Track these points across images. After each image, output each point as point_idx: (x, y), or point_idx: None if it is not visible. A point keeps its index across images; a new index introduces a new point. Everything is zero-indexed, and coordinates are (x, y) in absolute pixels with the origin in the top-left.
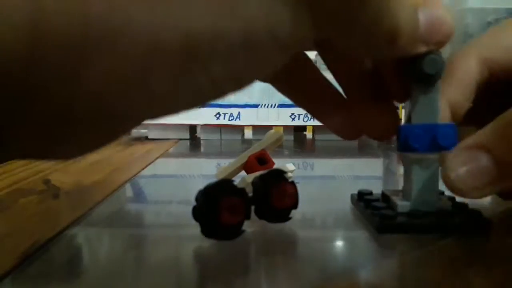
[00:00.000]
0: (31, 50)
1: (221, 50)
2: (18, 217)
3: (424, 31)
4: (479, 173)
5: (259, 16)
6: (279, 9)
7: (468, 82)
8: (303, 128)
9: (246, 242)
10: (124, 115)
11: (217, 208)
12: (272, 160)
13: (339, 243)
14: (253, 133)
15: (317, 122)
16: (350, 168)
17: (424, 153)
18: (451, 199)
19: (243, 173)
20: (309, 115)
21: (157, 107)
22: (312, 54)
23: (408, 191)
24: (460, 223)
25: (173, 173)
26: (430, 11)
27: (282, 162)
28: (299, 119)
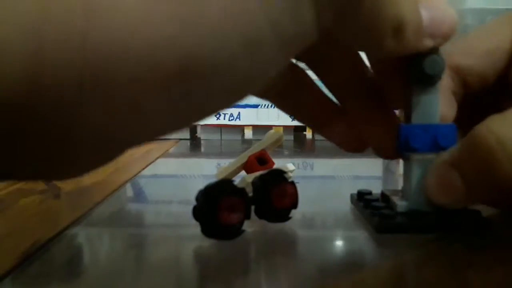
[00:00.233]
0: (30, 85)
1: (222, 62)
2: (18, 217)
3: (428, 24)
4: (448, 190)
5: (259, 12)
6: (279, 3)
7: (444, 92)
8: (303, 128)
9: (246, 242)
10: (123, 140)
11: (217, 208)
12: (272, 160)
13: (339, 243)
14: (253, 133)
15: None
16: (349, 168)
17: (424, 153)
18: None
19: (243, 173)
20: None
21: (157, 130)
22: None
23: (407, 191)
24: (459, 223)
25: (173, 173)
26: (432, 4)
27: (282, 162)
28: None
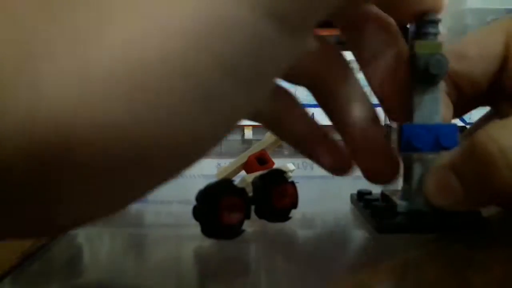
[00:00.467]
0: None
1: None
2: None
3: None
4: (447, 192)
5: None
6: None
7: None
8: None
9: (246, 241)
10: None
11: (217, 207)
12: (272, 160)
13: (339, 243)
14: (253, 133)
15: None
16: None
17: (426, 153)
18: None
19: (243, 173)
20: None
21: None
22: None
23: (408, 191)
24: (460, 223)
25: None
26: None
27: (282, 162)
28: None
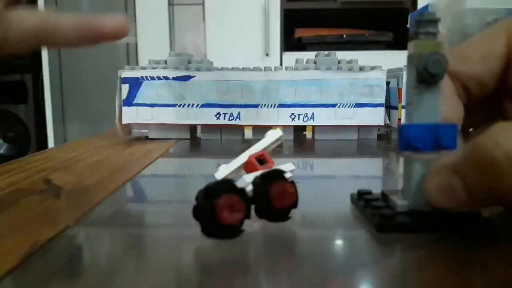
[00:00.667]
0: None
1: None
2: (18, 217)
3: None
4: (450, 195)
5: None
6: None
7: (449, 94)
8: (303, 128)
9: (246, 242)
10: None
11: (217, 207)
12: (272, 160)
13: (339, 243)
14: (253, 133)
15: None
16: (349, 167)
17: (426, 152)
18: None
19: (243, 173)
20: (309, 114)
21: None
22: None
23: (407, 191)
24: (459, 223)
25: (173, 173)
26: None
27: (282, 162)
28: (299, 119)
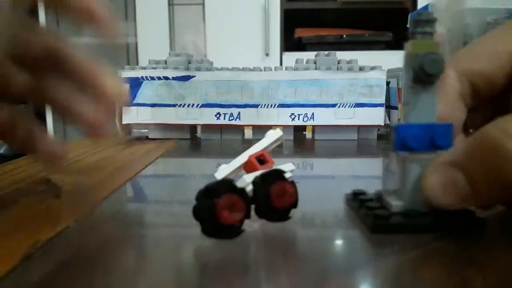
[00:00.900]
0: None
1: None
2: (18, 217)
3: None
4: (453, 191)
5: None
6: None
7: (452, 95)
8: (303, 128)
9: (246, 241)
10: None
11: (217, 207)
12: (272, 160)
13: (339, 242)
14: (253, 133)
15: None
16: (349, 167)
17: (421, 152)
18: None
19: (243, 173)
20: (309, 114)
21: None
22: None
23: (402, 191)
24: (455, 223)
25: (173, 173)
26: None
27: (282, 162)
28: (299, 119)
